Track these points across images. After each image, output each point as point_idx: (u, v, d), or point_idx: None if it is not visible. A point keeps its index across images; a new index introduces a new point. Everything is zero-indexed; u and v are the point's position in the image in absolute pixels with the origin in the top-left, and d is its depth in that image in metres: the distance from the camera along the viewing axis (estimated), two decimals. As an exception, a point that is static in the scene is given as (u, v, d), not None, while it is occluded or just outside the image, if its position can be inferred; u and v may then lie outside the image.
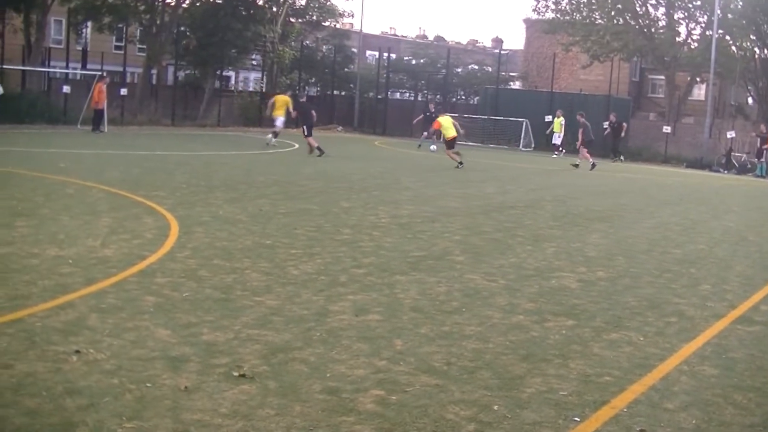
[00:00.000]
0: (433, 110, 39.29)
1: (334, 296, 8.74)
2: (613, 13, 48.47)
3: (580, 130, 33.77)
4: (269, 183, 19.08)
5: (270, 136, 32.06)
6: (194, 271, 9.52)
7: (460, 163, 27.42)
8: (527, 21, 64.70)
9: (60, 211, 13.16)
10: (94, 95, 35.97)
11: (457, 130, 28.50)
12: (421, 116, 40.70)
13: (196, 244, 11.12)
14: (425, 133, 38.18)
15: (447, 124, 28.49)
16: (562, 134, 39.96)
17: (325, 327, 7.56)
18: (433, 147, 36.37)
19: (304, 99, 33.04)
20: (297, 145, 33.44)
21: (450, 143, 28.50)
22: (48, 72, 44.43)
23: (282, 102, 31.27)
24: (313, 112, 30.79)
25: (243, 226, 12.79)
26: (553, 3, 50.10)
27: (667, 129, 43.04)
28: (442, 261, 11.15)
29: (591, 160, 32.20)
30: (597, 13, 49.45)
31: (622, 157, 39.18)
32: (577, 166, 32.20)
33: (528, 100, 48.44)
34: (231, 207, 14.79)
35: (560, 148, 40.00)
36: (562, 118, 39.84)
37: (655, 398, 6.26)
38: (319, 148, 28.13)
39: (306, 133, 29.21)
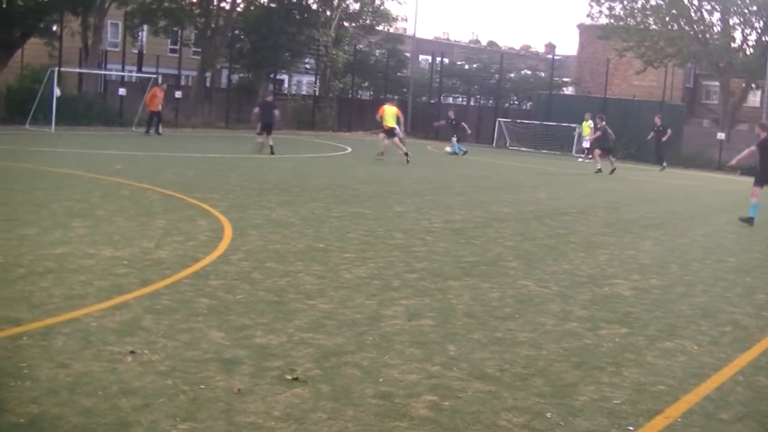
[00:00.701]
0: (453, 117, 39.78)
1: (387, 301, 8.74)
2: (667, 18, 48.08)
3: (598, 133, 33.21)
4: (322, 186, 19.13)
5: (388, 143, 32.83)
6: (248, 273, 9.57)
7: (381, 154, 28.61)
8: (581, 26, 64.49)
9: (115, 212, 13.31)
10: (146, 98, 36.37)
11: (399, 122, 29.91)
12: (443, 122, 41.97)
13: (250, 247, 11.18)
14: (454, 138, 38.43)
15: (390, 114, 29.55)
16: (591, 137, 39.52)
17: (377, 331, 7.57)
18: (447, 149, 37.43)
19: (269, 98, 32.45)
20: (350, 149, 33.58)
21: (388, 132, 29.51)
22: (104, 75, 45.03)
23: (391, 113, 29.90)
24: (276, 112, 29.93)
25: (296, 230, 12.85)
26: (607, 8, 49.81)
27: (721, 136, 42.46)
28: (495, 267, 11.12)
29: (599, 164, 31.51)
30: (651, 19, 49.06)
31: (664, 164, 37.49)
32: (615, 171, 31.32)
33: (581, 105, 47.96)
34: (284, 210, 14.86)
35: (588, 154, 39.44)
36: (590, 122, 39.38)
37: (710, 408, 6.19)
38: (271, 147, 27.83)
39: (259, 130, 29.02)
